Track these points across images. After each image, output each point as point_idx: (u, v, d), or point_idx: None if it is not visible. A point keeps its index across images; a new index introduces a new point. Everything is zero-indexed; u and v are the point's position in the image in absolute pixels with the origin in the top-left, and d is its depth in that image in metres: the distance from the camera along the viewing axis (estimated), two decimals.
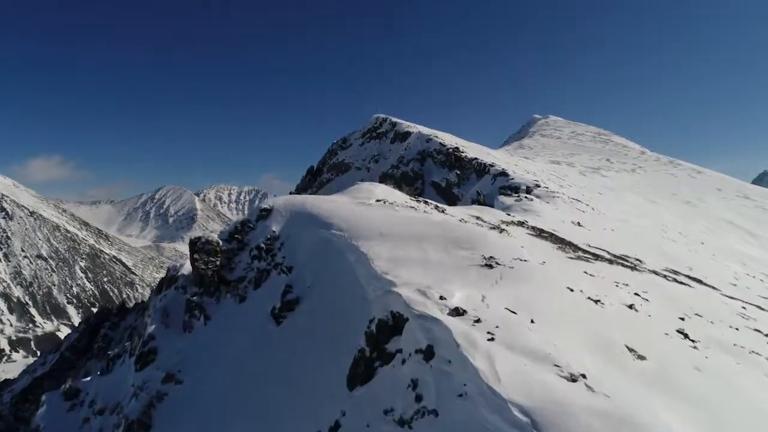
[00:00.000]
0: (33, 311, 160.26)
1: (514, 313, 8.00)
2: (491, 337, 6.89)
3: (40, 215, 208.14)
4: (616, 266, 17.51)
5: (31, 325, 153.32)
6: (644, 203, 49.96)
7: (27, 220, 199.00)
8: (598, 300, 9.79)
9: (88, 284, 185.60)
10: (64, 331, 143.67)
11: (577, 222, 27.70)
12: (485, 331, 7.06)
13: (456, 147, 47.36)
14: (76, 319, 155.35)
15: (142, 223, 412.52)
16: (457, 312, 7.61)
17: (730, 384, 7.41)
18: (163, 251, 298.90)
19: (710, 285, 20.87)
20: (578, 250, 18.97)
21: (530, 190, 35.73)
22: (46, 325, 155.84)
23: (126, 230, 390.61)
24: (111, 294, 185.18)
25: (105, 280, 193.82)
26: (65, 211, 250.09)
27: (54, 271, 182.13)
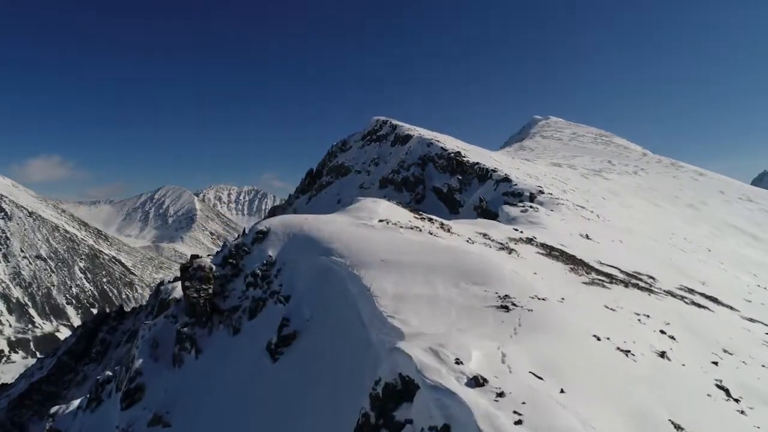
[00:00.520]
0: (32, 312, 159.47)
1: (540, 378, 7.03)
2: (518, 419, 5.92)
3: (39, 215, 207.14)
4: (632, 289, 16.64)
5: (30, 326, 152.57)
6: (648, 207, 48.99)
7: (26, 221, 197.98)
8: (627, 351, 8.82)
9: (87, 285, 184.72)
10: (63, 331, 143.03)
11: (585, 234, 26.79)
12: (511, 410, 6.08)
13: (457, 151, 46.33)
14: (75, 320, 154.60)
15: (142, 223, 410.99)
16: (477, 382, 6.63)
17: None
18: (162, 251, 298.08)
19: (727, 305, 20.03)
20: (591, 271, 18.06)
21: (534, 197, 34.75)
22: (46, 326, 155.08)
23: (125, 230, 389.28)
24: (110, 294, 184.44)
25: (104, 280, 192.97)
26: (64, 211, 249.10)
27: (53, 272, 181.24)
